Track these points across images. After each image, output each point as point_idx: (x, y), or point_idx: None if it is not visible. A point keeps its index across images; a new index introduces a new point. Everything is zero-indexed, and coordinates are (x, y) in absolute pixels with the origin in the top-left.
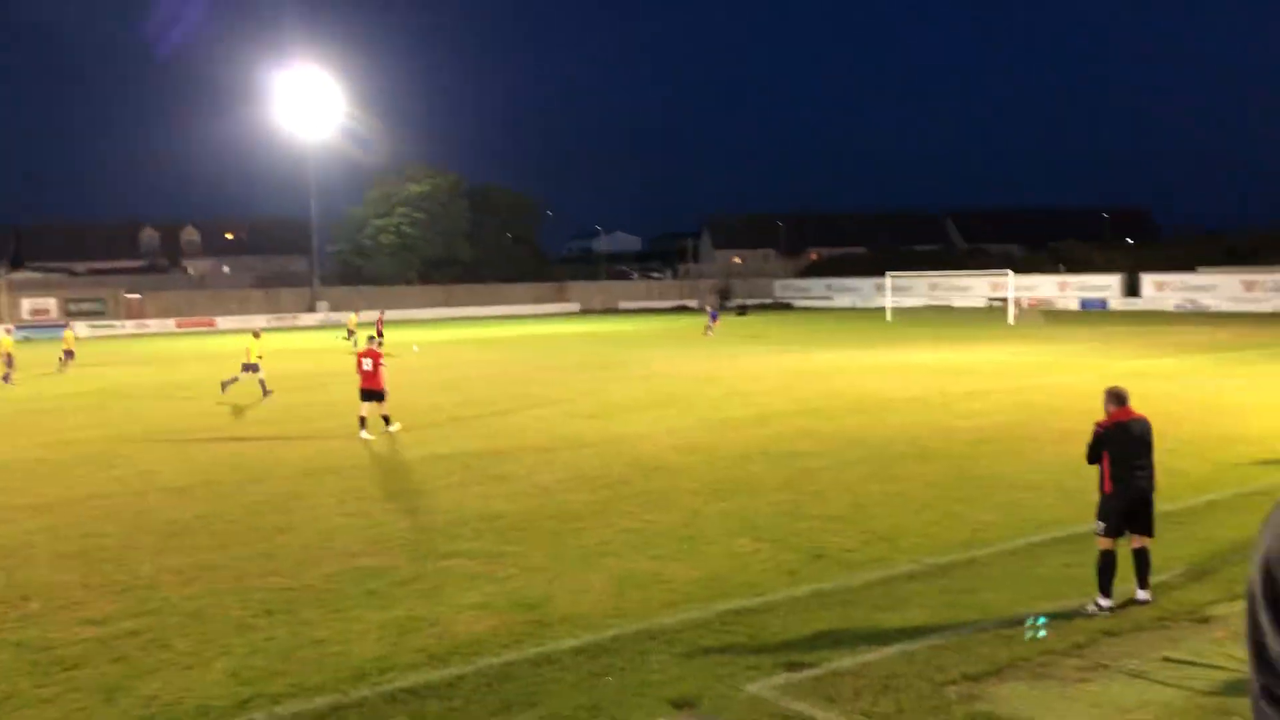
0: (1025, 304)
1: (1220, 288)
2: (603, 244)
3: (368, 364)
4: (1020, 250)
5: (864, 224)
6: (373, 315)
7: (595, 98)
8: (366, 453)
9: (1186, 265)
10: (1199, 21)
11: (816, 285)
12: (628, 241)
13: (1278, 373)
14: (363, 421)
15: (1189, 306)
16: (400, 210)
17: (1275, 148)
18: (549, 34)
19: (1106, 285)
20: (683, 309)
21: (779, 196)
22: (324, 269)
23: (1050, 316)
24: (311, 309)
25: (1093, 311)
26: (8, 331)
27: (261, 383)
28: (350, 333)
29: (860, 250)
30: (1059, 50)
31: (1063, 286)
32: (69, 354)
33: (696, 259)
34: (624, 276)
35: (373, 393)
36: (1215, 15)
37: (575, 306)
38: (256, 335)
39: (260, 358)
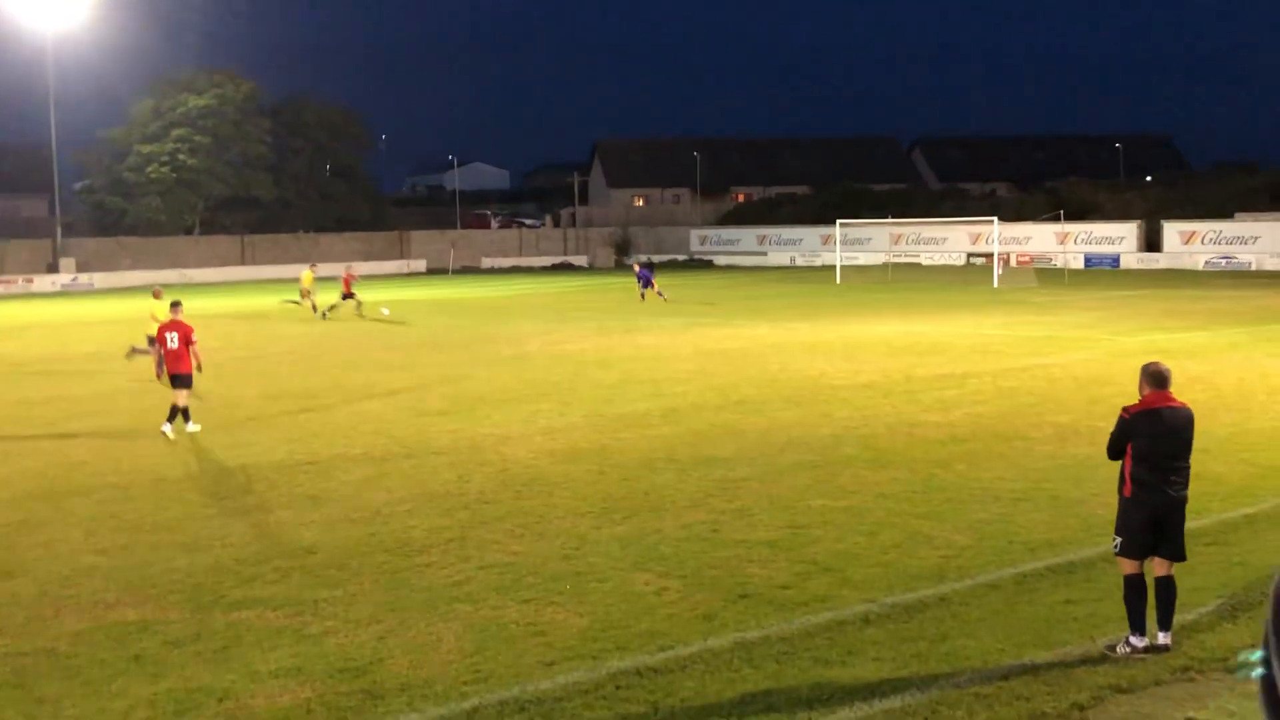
0: (1014, 261)
1: (1264, 239)
2: (458, 180)
3: (173, 340)
4: (1008, 191)
5: (806, 155)
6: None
7: None
8: (128, 466)
9: (1221, 210)
10: None
11: (745, 236)
12: (492, 177)
13: None
14: (174, 412)
15: (1224, 264)
16: (177, 133)
17: None
18: None
19: (1119, 236)
20: (567, 267)
21: (694, 118)
22: (71, 214)
23: (1046, 277)
24: (53, 268)
25: (1102, 270)
26: None
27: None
28: (304, 294)
29: (802, 190)
30: None
31: (1063, 238)
32: None
33: (585, 200)
34: (487, 224)
35: (181, 377)
36: None
37: (421, 265)
38: (157, 295)
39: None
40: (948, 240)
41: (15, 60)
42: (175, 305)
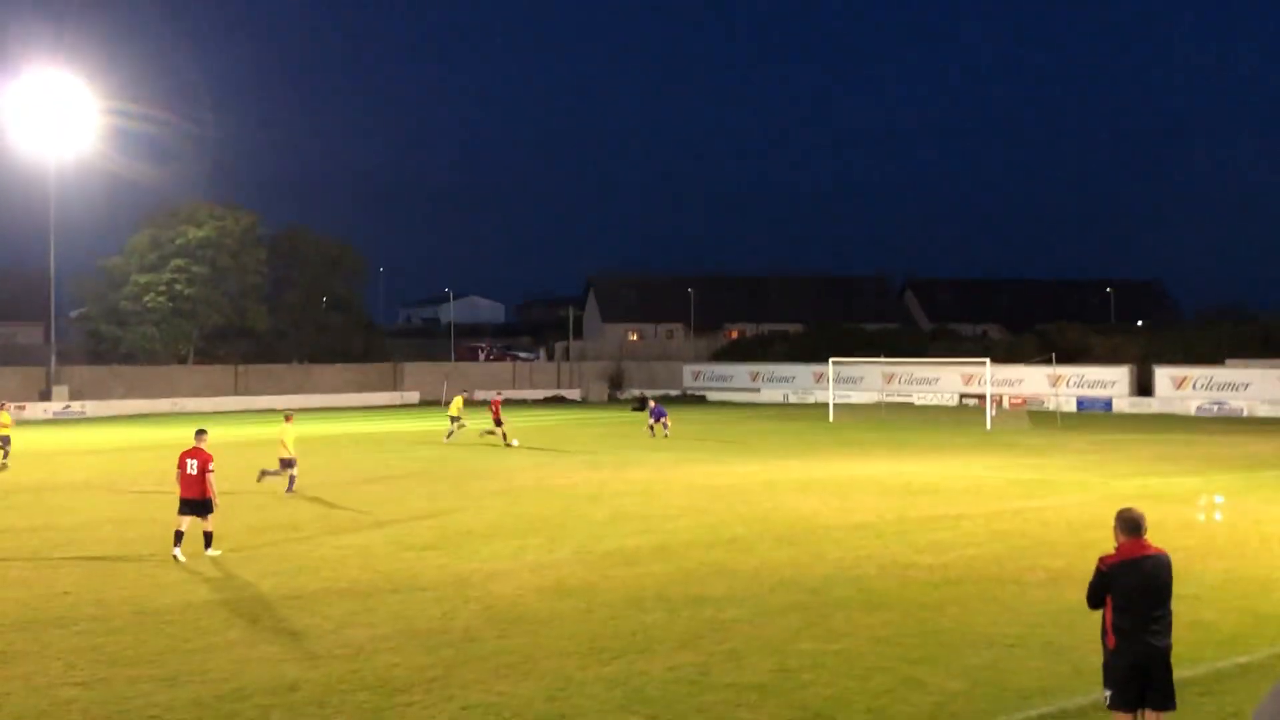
0: (1007, 403)
1: (1255, 386)
2: (453, 312)
3: (192, 466)
4: (1000, 333)
5: (799, 293)
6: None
7: (447, 123)
8: (111, 597)
9: (1213, 356)
10: (1227, 50)
11: (738, 372)
12: (487, 310)
13: None
14: (178, 537)
15: (1216, 410)
16: (176, 263)
17: None
18: (387, 37)
19: (1111, 380)
20: (560, 400)
21: (688, 256)
22: (66, 342)
23: (1039, 419)
24: (45, 395)
25: (1094, 414)
26: None
27: (292, 479)
28: (456, 420)
29: (795, 327)
30: (1047, 80)
31: (1055, 381)
32: None
33: (579, 334)
34: (481, 356)
35: (196, 503)
36: (1246, 45)
37: (414, 396)
38: (288, 419)
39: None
40: (940, 380)
41: (16, 188)
42: (200, 433)
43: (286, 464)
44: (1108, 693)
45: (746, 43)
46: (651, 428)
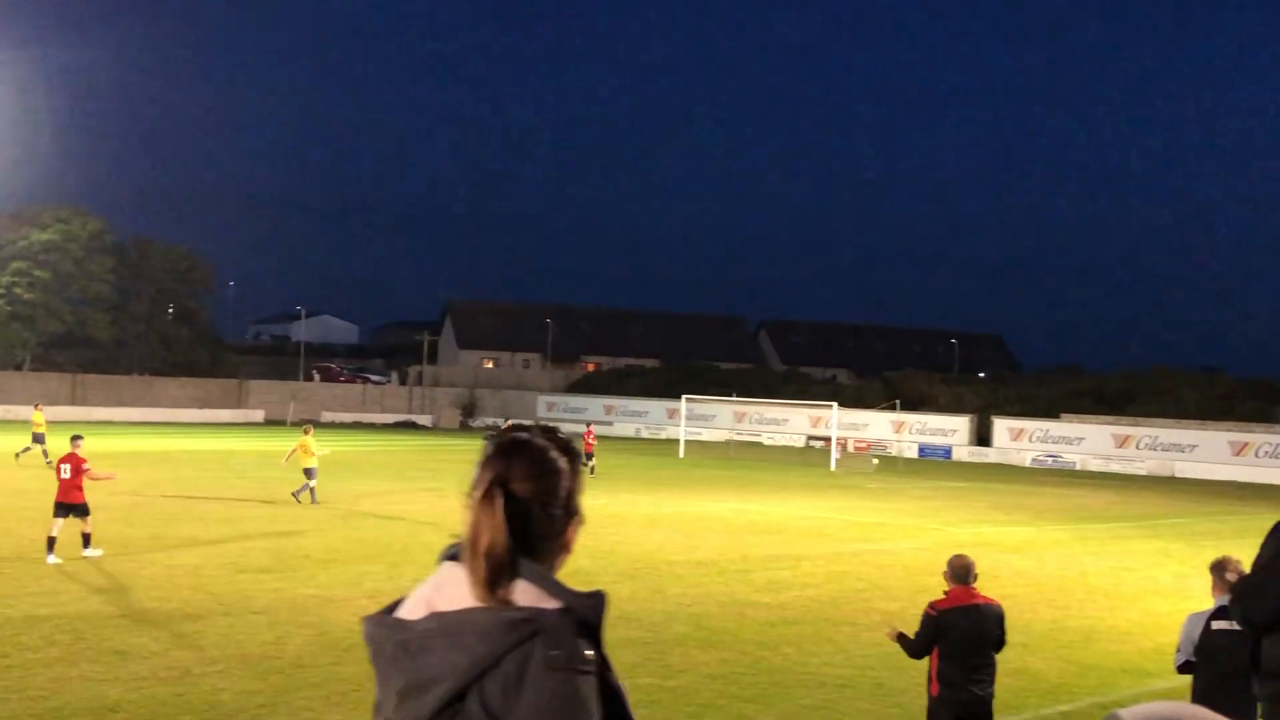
0: (852, 446)
1: (1088, 440)
2: (304, 331)
3: (65, 471)
4: (849, 378)
5: (657, 329)
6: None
7: (308, 139)
8: None
9: (1048, 410)
10: (1074, 120)
11: (593, 405)
12: (340, 330)
13: (1152, 552)
14: (51, 543)
15: (1050, 462)
16: (16, 265)
17: (1152, 265)
18: (246, 44)
19: (952, 429)
20: (410, 425)
21: (546, 285)
22: None
23: (882, 464)
24: None
25: (935, 460)
26: None
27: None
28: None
29: (651, 363)
30: (900, 134)
31: (899, 427)
32: None
33: (434, 360)
34: (332, 377)
35: (70, 506)
36: (1098, 112)
37: (259, 415)
38: (307, 432)
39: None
40: (789, 421)
41: None
42: (75, 439)
43: (308, 473)
44: None
45: (618, 77)
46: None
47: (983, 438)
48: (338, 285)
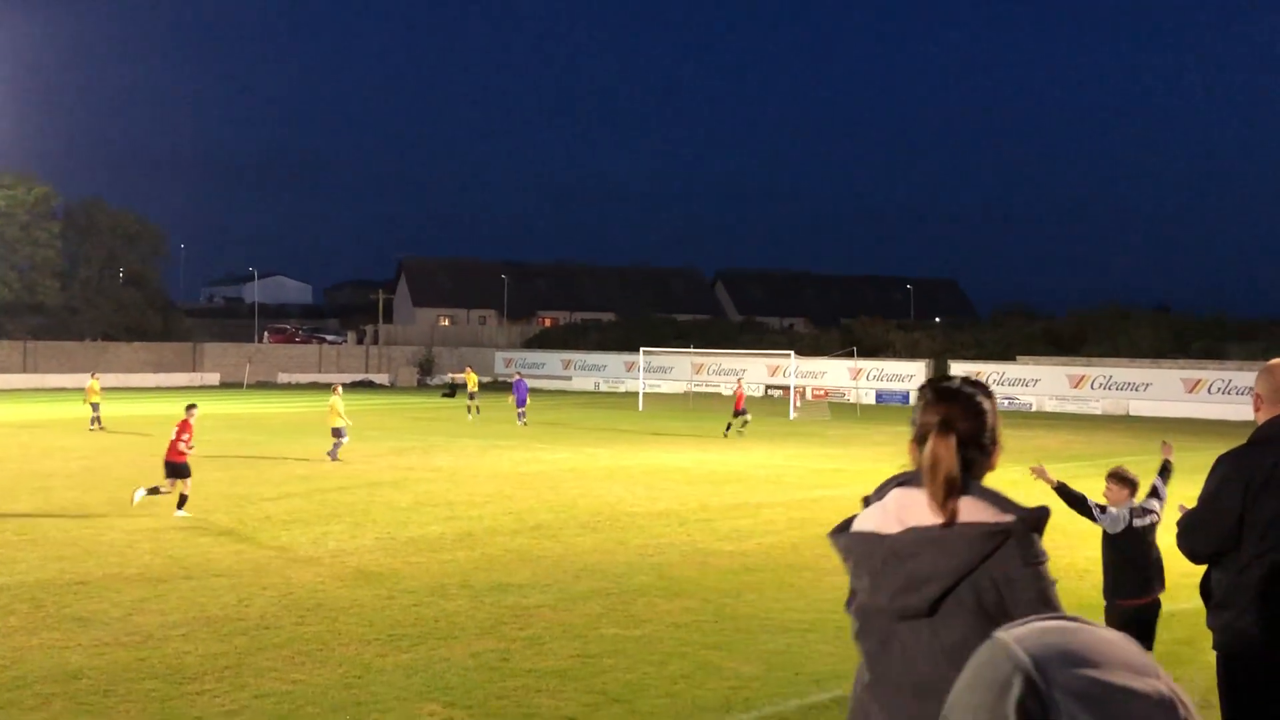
0: (810, 394)
1: (1044, 382)
2: (257, 292)
3: (173, 434)
4: (806, 326)
5: (612, 283)
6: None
7: (257, 99)
8: None
9: (1003, 353)
10: (1019, 65)
11: (550, 360)
12: (294, 291)
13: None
14: (152, 492)
15: (1007, 404)
16: None
17: (1102, 206)
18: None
19: (909, 374)
20: (368, 384)
21: (502, 241)
22: None
23: (839, 411)
24: None
25: (892, 406)
26: None
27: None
28: (463, 392)
29: (608, 317)
30: (855, 84)
31: (856, 374)
32: None
33: (390, 318)
34: (287, 338)
35: (173, 466)
36: (1042, 56)
37: (214, 378)
38: (335, 391)
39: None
40: (747, 371)
41: None
42: (190, 408)
43: (337, 433)
44: None
45: (573, 29)
46: (521, 415)
47: None
48: (291, 245)
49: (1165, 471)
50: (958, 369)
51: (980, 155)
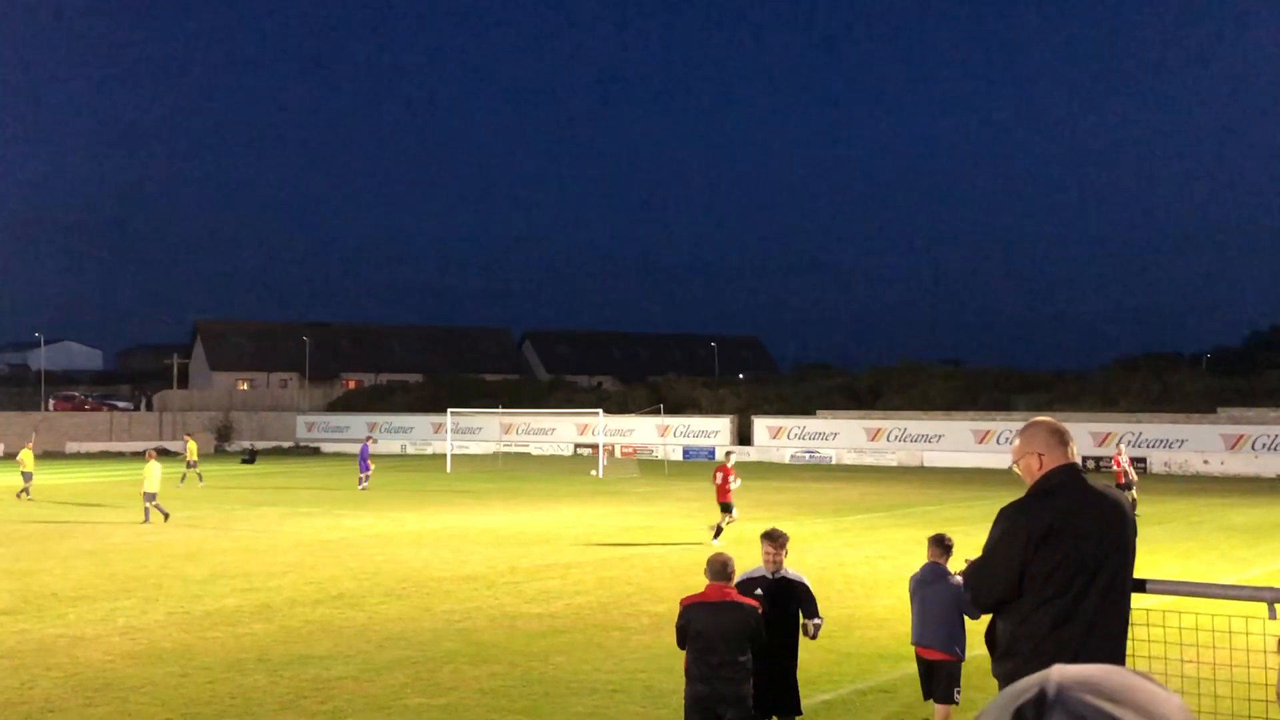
0: (619, 452)
1: (843, 435)
2: (44, 359)
3: (719, 478)
4: (613, 384)
5: (419, 344)
6: None
7: (41, 154)
8: None
9: (804, 408)
10: (809, 123)
11: (355, 423)
12: (83, 356)
13: (904, 540)
14: (717, 531)
15: (808, 458)
16: None
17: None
18: None
19: (714, 430)
20: (163, 453)
21: (301, 303)
22: None
23: (648, 468)
24: None
25: (699, 462)
26: None
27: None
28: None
29: (414, 378)
30: (660, 146)
31: (663, 431)
32: None
33: (185, 383)
34: (75, 406)
35: (723, 505)
36: (822, 115)
37: None
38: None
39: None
40: (556, 430)
41: None
42: (728, 453)
43: (149, 497)
44: None
45: (357, 84)
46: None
47: (744, 437)
48: (79, 310)
49: None
50: (760, 424)
51: (781, 216)
